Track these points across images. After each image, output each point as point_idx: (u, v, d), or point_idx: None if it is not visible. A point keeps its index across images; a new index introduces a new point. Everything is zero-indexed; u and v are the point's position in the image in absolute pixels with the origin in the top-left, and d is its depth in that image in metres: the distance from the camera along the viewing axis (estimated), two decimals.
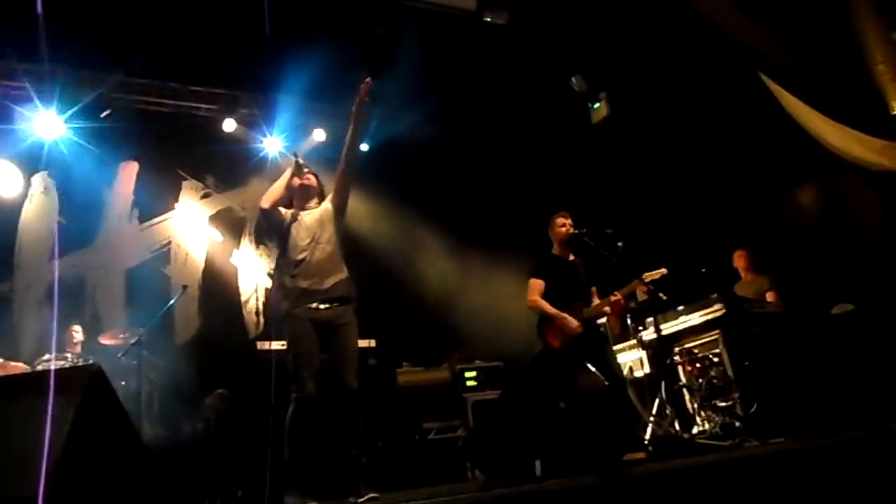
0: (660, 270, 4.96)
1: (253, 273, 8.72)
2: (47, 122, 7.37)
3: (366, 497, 3.75)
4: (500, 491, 3.26)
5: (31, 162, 7.54)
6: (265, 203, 4.31)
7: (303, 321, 4.08)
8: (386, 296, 8.35)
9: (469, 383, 7.11)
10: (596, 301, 4.89)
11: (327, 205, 4.46)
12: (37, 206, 7.69)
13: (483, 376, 7.18)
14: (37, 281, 7.52)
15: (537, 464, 3.57)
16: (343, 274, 4.34)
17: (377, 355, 7.03)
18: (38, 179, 7.65)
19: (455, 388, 7.02)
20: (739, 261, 6.68)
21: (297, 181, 4.43)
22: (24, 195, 7.60)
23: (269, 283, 8.67)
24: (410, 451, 6.26)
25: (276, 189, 4.35)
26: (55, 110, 7.35)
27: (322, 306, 4.14)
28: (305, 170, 4.49)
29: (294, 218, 4.36)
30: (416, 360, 7.40)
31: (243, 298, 8.59)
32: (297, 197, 4.47)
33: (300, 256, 4.22)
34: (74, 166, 7.72)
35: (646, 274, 4.92)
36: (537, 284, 4.86)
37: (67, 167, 7.69)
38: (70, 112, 7.46)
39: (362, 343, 6.88)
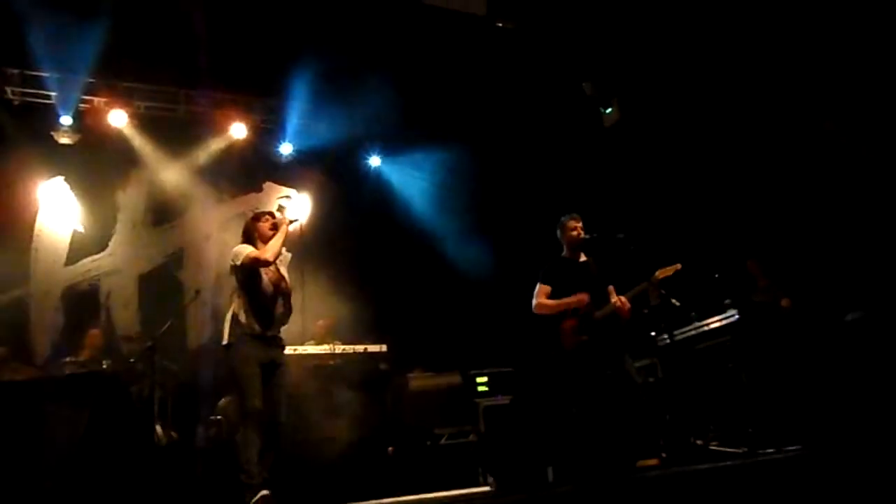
0: (673, 266, 4.84)
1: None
2: (65, 127, 7.46)
3: None
4: (513, 496, 3.25)
5: (47, 168, 7.62)
6: (272, 258, 4.43)
7: (250, 351, 4.28)
8: (397, 301, 8.37)
9: (480, 388, 7.09)
10: (614, 298, 4.83)
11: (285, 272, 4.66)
12: (52, 212, 7.76)
13: (494, 381, 7.17)
14: (52, 286, 7.59)
15: (550, 470, 3.56)
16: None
17: (388, 360, 7.04)
18: (53, 185, 7.72)
19: (467, 394, 7.01)
20: (753, 268, 6.63)
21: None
22: (41, 201, 7.68)
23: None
24: (422, 456, 6.25)
25: (278, 246, 4.48)
26: (71, 116, 7.43)
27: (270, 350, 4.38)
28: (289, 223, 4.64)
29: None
30: (427, 365, 7.40)
31: None
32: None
33: (263, 303, 4.41)
34: (89, 172, 7.80)
35: (660, 270, 4.82)
36: (543, 290, 4.86)
37: (82, 173, 7.77)
38: (86, 118, 7.55)
39: (373, 348, 6.93)
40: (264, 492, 4.03)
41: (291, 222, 4.60)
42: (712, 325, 5.83)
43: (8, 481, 2.20)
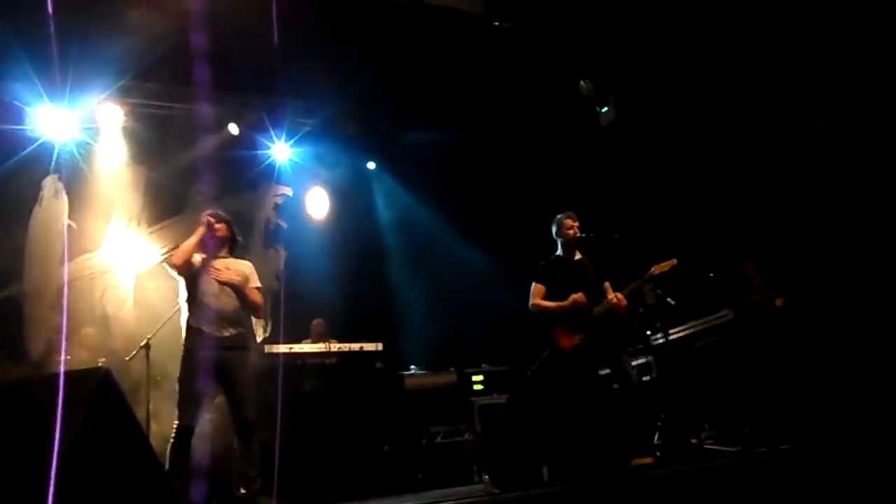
0: (669, 262, 4.84)
1: (262, 276, 8.73)
2: (58, 125, 7.42)
3: None
4: (508, 495, 3.26)
5: (41, 164, 7.59)
6: (178, 261, 4.53)
7: (197, 359, 4.33)
8: (393, 299, 8.37)
9: (476, 387, 7.11)
10: (611, 295, 4.84)
11: (243, 268, 4.76)
12: (46, 209, 7.73)
13: (490, 380, 7.18)
14: (47, 284, 7.57)
15: (545, 468, 3.56)
16: (243, 328, 4.59)
17: (384, 359, 7.04)
18: (48, 182, 7.69)
19: (462, 392, 7.02)
20: (749, 268, 6.65)
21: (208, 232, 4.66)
22: (35, 198, 7.65)
23: (277, 286, 8.70)
24: (418, 454, 6.26)
25: (187, 249, 4.55)
26: (65, 112, 7.39)
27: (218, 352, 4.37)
28: (216, 223, 4.70)
29: (204, 265, 4.59)
30: (423, 363, 7.41)
31: None
32: (210, 246, 4.70)
33: (206, 302, 4.46)
34: (84, 169, 7.78)
35: (656, 266, 4.83)
36: (538, 289, 4.87)
37: (77, 170, 7.74)
38: (81, 114, 7.52)
39: (369, 347, 6.93)
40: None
41: (212, 228, 4.65)
42: (707, 325, 5.85)
43: (3, 482, 2.19)
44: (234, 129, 8.35)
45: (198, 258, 4.63)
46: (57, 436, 2.11)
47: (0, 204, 7.26)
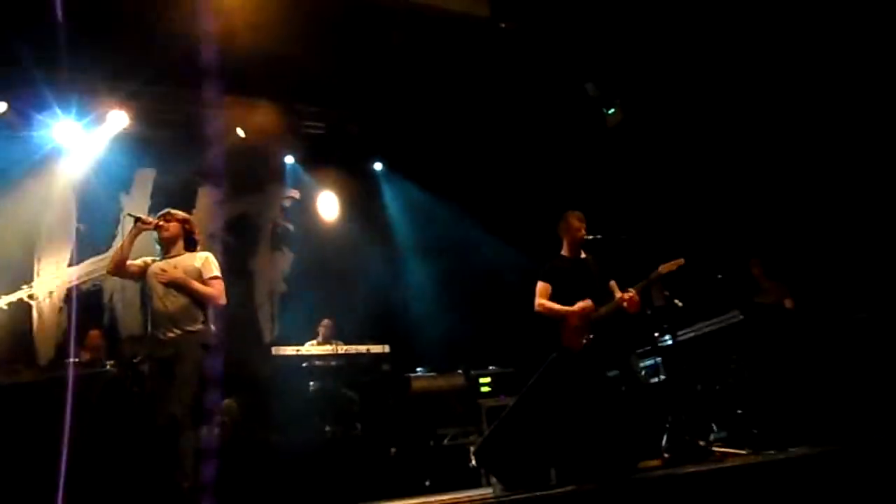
0: (677, 261, 4.82)
1: (268, 278, 8.77)
2: (66, 129, 7.46)
3: None
4: (516, 497, 3.25)
5: (51, 169, 7.63)
6: (109, 268, 4.53)
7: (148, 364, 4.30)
8: (398, 301, 8.37)
9: (483, 389, 7.10)
10: (618, 293, 4.82)
11: (193, 262, 4.56)
12: (56, 212, 7.78)
13: (497, 382, 7.17)
14: (56, 286, 7.61)
15: (552, 470, 3.56)
16: (193, 326, 4.35)
17: (390, 361, 7.04)
18: (58, 186, 7.73)
19: (469, 394, 7.01)
20: (755, 268, 6.62)
21: (157, 230, 4.58)
22: (45, 202, 7.69)
23: (284, 288, 8.73)
24: (425, 457, 6.25)
25: (118, 255, 4.50)
26: (73, 117, 7.44)
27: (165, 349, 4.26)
28: (156, 220, 4.61)
29: (148, 268, 4.49)
30: (430, 366, 7.41)
31: (258, 303, 8.64)
32: (161, 245, 4.63)
33: (153, 305, 4.37)
34: (92, 173, 7.81)
35: (663, 265, 4.81)
36: (544, 288, 4.86)
37: (85, 174, 7.78)
38: (88, 119, 7.56)
39: (376, 349, 6.93)
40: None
41: (139, 230, 4.57)
42: (716, 326, 5.82)
43: (15, 481, 2.21)
44: (243, 131, 8.37)
45: (143, 261, 4.57)
46: (66, 436, 2.12)
47: (11, 208, 7.30)
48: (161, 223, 4.60)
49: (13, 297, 7.31)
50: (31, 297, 7.44)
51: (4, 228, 7.13)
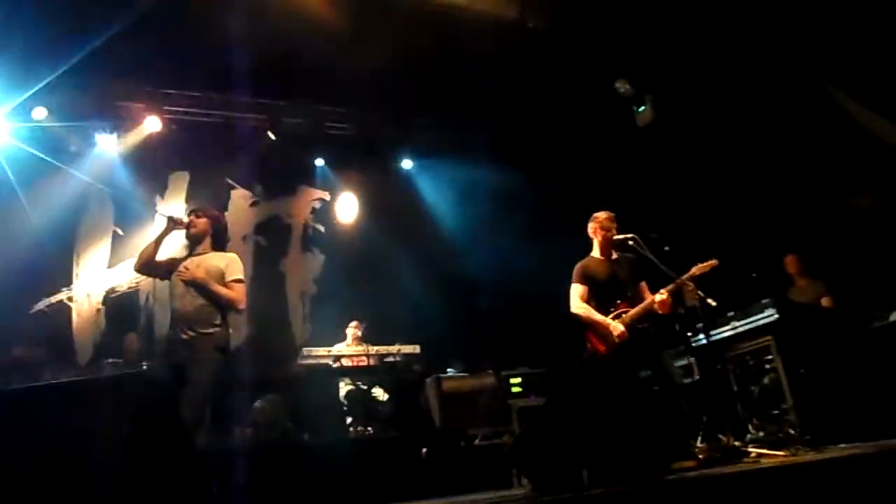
0: (710, 262, 4.76)
1: (299, 280, 8.86)
2: (103, 134, 7.67)
3: None
4: (547, 499, 3.24)
5: (87, 172, 7.80)
6: (136, 267, 4.50)
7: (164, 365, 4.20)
8: (430, 302, 8.39)
9: (514, 389, 7.08)
10: (647, 296, 4.77)
11: (217, 262, 4.41)
12: (93, 215, 7.95)
13: (528, 382, 7.14)
14: (94, 289, 7.77)
15: (584, 472, 3.53)
16: (210, 329, 4.23)
17: (422, 361, 7.06)
18: (95, 190, 7.90)
19: (500, 394, 6.99)
20: (791, 266, 6.50)
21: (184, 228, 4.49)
22: (82, 206, 7.87)
23: (315, 289, 8.81)
24: (456, 457, 6.25)
25: (146, 252, 4.45)
26: (110, 122, 7.62)
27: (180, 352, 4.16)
28: (187, 218, 4.53)
29: (176, 266, 4.39)
30: (460, 366, 7.41)
31: (290, 305, 8.73)
32: (189, 241, 4.55)
33: (172, 304, 4.33)
34: (128, 176, 7.98)
35: (696, 267, 4.75)
36: (579, 290, 4.81)
37: (121, 177, 7.94)
38: (124, 123, 7.73)
39: (407, 349, 6.95)
40: None
41: (187, 225, 4.48)
42: (751, 325, 5.72)
43: (53, 484, 2.26)
44: (274, 134, 8.47)
45: (170, 258, 4.54)
46: (106, 438, 2.16)
47: (50, 211, 7.47)
48: (191, 218, 4.52)
49: (53, 300, 7.50)
50: (70, 298, 7.62)
51: (43, 232, 7.29)
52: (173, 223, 4.45)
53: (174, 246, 4.94)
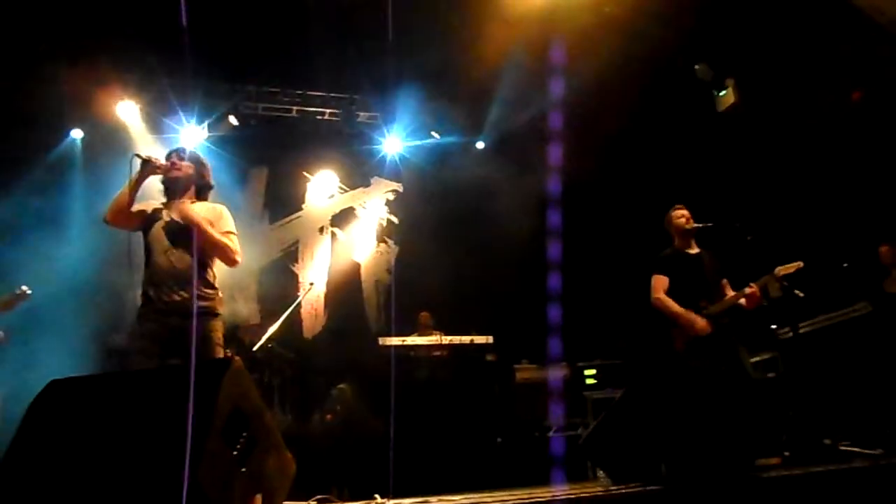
0: (795, 264, 4.57)
1: (374, 270, 9.01)
2: (189, 132, 7.96)
3: None
4: (624, 491, 3.19)
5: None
6: (107, 217, 3.68)
7: (142, 333, 3.53)
8: (504, 291, 8.36)
9: (589, 381, 7.00)
10: (729, 293, 4.62)
11: (209, 211, 3.82)
12: None
13: (604, 374, 7.05)
14: None
15: (662, 465, 3.46)
16: (203, 289, 3.65)
17: (496, 351, 7.05)
18: None
19: (575, 386, 6.94)
20: (887, 256, 6.16)
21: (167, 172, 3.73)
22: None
23: (389, 279, 8.94)
24: (530, 448, 6.24)
25: (119, 199, 3.64)
26: (195, 121, 7.91)
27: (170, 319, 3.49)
28: (165, 162, 3.74)
29: (156, 216, 3.69)
30: (534, 356, 7.38)
31: (365, 295, 8.89)
32: (172, 188, 3.79)
33: (154, 260, 3.61)
34: (211, 172, 8.26)
35: (779, 268, 4.58)
36: (661, 281, 4.67)
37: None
38: (208, 121, 8.02)
39: (480, 339, 6.97)
40: None
41: (147, 173, 3.65)
42: (842, 318, 5.46)
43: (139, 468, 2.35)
44: (348, 128, 8.62)
45: (146, 205, 3.74)
46: (190, 424, 2.25)
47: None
48: (173, 160, 3.77)
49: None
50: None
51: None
52: (151, 166, 3.64)
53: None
